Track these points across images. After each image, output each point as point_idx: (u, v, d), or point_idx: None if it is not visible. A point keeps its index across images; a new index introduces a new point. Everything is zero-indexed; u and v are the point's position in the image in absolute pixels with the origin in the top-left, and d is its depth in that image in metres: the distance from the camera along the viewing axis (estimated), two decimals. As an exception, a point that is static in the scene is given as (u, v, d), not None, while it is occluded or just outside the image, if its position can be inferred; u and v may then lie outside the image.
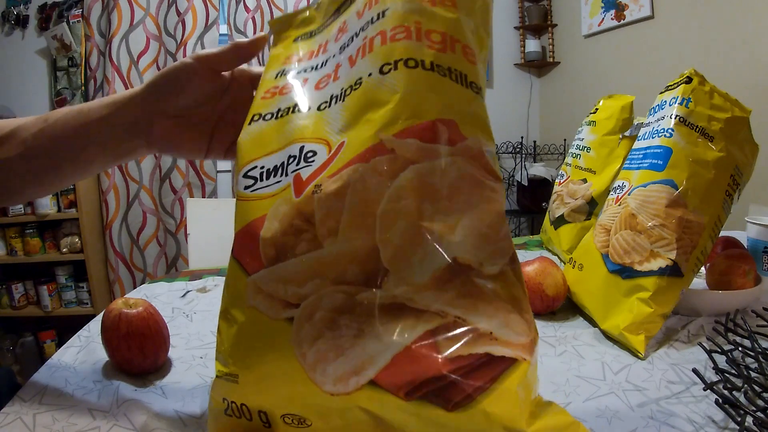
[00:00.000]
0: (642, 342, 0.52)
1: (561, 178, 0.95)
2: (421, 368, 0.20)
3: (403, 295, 0.20)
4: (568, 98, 2.89)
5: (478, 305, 0.21)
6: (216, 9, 2.20)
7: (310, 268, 0.20)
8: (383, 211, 0.20)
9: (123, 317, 0.47)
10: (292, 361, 0.21)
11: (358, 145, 0.21)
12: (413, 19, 0.25)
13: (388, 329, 0.20)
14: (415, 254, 0.20)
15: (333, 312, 0.20)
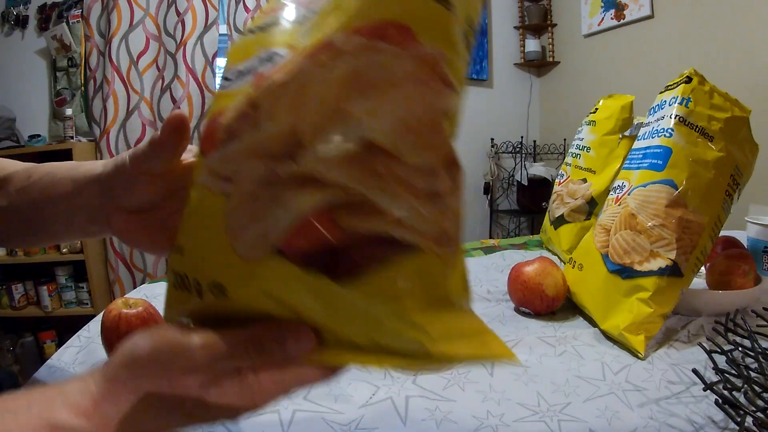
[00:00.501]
0: (642, 342, 0.52)
1: (561, 177, 0.95)
2: (319, 237, 0.21)
3: (314, 167, 0.21)
4: (567, 98, 2.89)
5: (388, 188, 0.22)
6: (216, 9, 2.20)
7: (246, 147, 0.23)
8: (310, 94, 0.22)
9: (123, 317, 0.47)
10: (221, 230, 0.24)
11: (312, 45, 0.24)
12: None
13: (296, 198, 0.21)
14: (332, 132, 0.22)
15: (257, 184, 0.23)
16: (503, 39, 3.00)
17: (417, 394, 0.44)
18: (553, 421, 0.40)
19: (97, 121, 2.15)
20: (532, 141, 2.93)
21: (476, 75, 2.90)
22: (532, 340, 0.55)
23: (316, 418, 0.40)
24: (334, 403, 0.43)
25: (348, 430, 0.39)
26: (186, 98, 2.18)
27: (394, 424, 0.40)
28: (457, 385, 0.46)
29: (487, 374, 0.48)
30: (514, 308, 0.66)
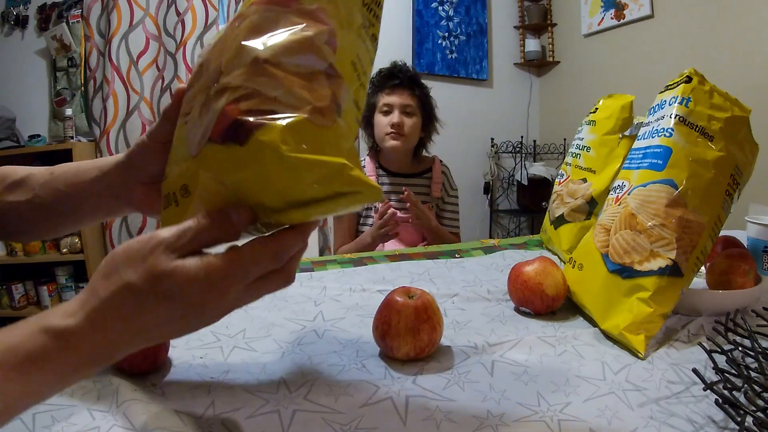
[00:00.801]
0: (642, 342, 0.52)
1: (561, 177, 0.95)
2: (227, 119, 0.31)
3: (226, 82, 0.33)
4: (567, 98, 2.89)
5: (273, 84, 0.32)
6: (216, 9, 2.20)
7: (196, 89, 0.36)
8: (224, 39, 0.36)
9: (123, 317, 0.47)
10: (184, 146, 0.36)
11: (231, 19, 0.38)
12: None
13: (216, 102, 0.33)
14: (236, 59, 0.33)
15: (200, 106, 0.34)
16: (503, 39, 3.00)
17: (417, 394, 0.44)
18: (553, 421, 0.40)
19: (97, 121, 2.15)
20: (532, 141, 2.93)
21: (476, 75, 2.90)
22: (532, 339, 0.55)
23: (316, 418, 0.40)
24: (334, 403, 0.43)
25: (348, 430, 0.39)
26: (186, 98, 2.18)
27: (394, 424, 0.40)
28: (457, 385, 0.46)
29: (487, 374, 0.48)
30: (514, 308, 0.66)
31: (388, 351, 0.50)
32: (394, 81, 1.39)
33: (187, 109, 0.37)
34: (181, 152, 0.36)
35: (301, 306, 0.67)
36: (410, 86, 1.40)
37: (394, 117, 1.36)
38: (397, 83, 1.39)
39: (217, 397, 0.43)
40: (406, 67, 1.44)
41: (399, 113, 1.37)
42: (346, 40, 0.36)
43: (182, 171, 0.35)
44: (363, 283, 0.77)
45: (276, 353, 0.53)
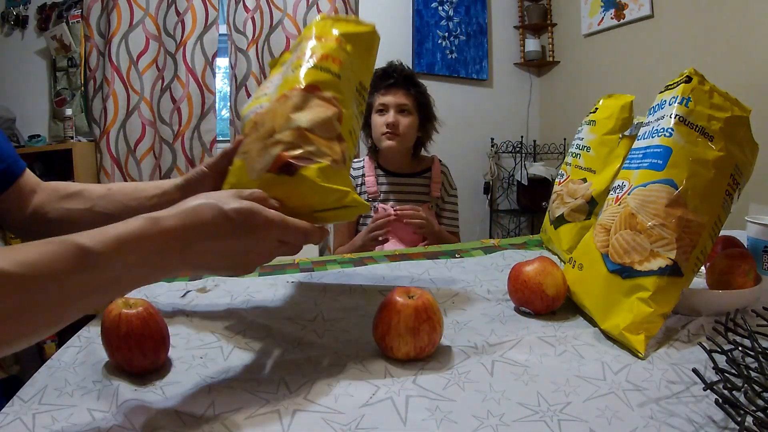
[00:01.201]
0: (642, 342, 0.52)
1: (561, 177, 0.95)
2: (282, 160, 0.51)
3: (279, 137, 0.53)
4: (567, 97, 2.89)
5: (309, 143, 0.53)
6: (215, 9, 2.20)
7: (254, 138, 0.55)
8: (275, 110, 0.55)
9: (123, 317, 0.47)
10: (244, 172, 0.54)
11: (277, 96, 0.57)
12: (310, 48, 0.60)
13: (272, 149, 0.52)
14: (286, 124, 0.53)
15: (259, 150, 0.53)
16: (503, 39, 3.00)
17: (417, 394, 0.44)
18: (553, 421, 0.40)
19: (97, 121, 2.15)
20: (532, 141, 2.93)
21: (476, 75, 2.90)
22: (532, 339, 0.55)
23: (316, 418, 0.40)
24: (334, 403, 0.43)
25: (348, 430, 0.39)
26: (186, 98, 2.18)
27: (394, 424, 0.40)
28: (457, 385, 0.46)
29: (487, 374, 0.48)
30: (514, 308, 0.66)
31: (388, 351, 0.50)
32: (389, 81, 1.39)
33: (244, 149, 0.56)
34: (238, 177, 0.55)
35: (301, 306, 0.67)
36: (405, 85, 1.40)
37: (389, 117, 1.36)
38: (392, 83, 1.39)
39: (217, 397, 0.43)
40: (401, 67, 1.43)
41: (394, 113, 1.37)
42: (346, 117, 0.57)
43: (244, 187, 0.52)
44: (363, 283, 0.77)
45: (276, 353, 0.53)
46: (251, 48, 2.24)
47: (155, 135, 2.19)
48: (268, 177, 0.51)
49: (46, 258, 0.35)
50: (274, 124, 0.53)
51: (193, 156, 2.23)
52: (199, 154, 2.23)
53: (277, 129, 0.53)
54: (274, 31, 2.28)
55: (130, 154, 2.15)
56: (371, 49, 0.66)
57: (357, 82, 0.62)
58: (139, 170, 2.16)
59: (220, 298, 0.69)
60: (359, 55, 0.63)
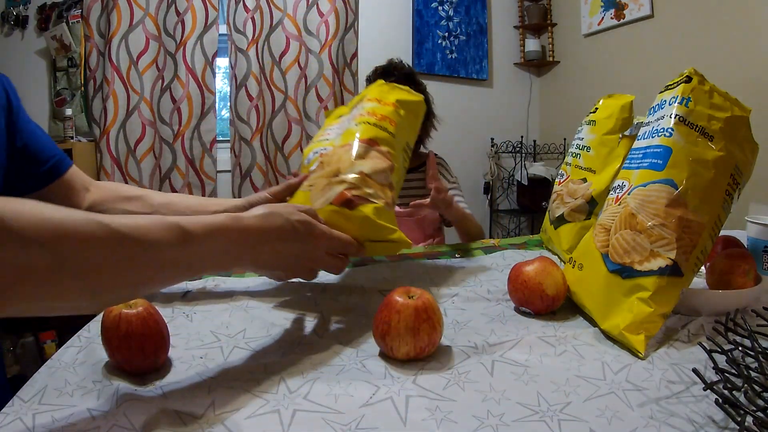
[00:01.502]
0: (642, 342, 0.52)
1: (561, 177, 0.95)
2: (344, 196, 0.62)
3: (343, 177, 0.64)
4: (567, 97, 2.89)
5: (368, 186, 0.64)
6: (215, 9, 2.19)
7: (319, 175, 0.67)
8: (341, 153, 0.68)
9: (123, 317, 0.47)
10: (308, 202, 0.64)
11: (340, 144, 0.71)
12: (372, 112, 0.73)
13: (337, 186, 0.63)
14: (350, 167, 0.66)
15: (323, 186, 0.65)
16: (503, 39, 3.00)
17: (417, 394, 0.44)
18: (553, 421, 0.40)
19: (97, 121, 2.15)
20: (532, 141, 2.93)
21: (476, 75, 2.90)
22: (532, 339, 0.55)
23: (316, 418, 0.40)
24: (334, 403, 0.43)
25: (348, 430, 0.39)
26: (186, 98, 2.18)
27: (394, 424, 0.40)
28: (457, 385, 0.46)
29: (487, 374, 0.48)
30: (514, 308, 0.66)
31: (388, 351, 0.50)
32: (390, 78, 1.39)
33: (310, 183, 0.67)
34: (302, 204, 0.62)
35: (301, 306, 0.67)
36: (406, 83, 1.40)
37: None
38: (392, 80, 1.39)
39: (217, 397, 0.43)
40: (402, 64, 1.44)
41: None
42: (396, 170, 0.69)
43: None
44: (363, 283, 0.77)
45: (276, 353, 0.53)
46: (251, 48, 2.24)
47: (155, 135, 2.19)
48: (330, 208, 0.62)
49: (152, 227, 0.41)
50: (340, 166, 0.66)
51: (193, 156, 2.23)
52: (199, 154, 2.23)
53: (342, 170, 0.65)
54: (274, 31, 2.28)
55: (130, 154, 2.15)
56: (418, 116, 0.79)
57: (405, 143, 0.74)
58: (139, 170, 2.16)
59: (220, 298, 0.69)
60: (409, 119, 0.75)
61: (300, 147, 2.34)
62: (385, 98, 0.74)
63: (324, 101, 2.33)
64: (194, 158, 2.23)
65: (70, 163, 0.74)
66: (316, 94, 2.33)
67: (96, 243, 0.37)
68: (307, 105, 2.33)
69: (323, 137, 0.75)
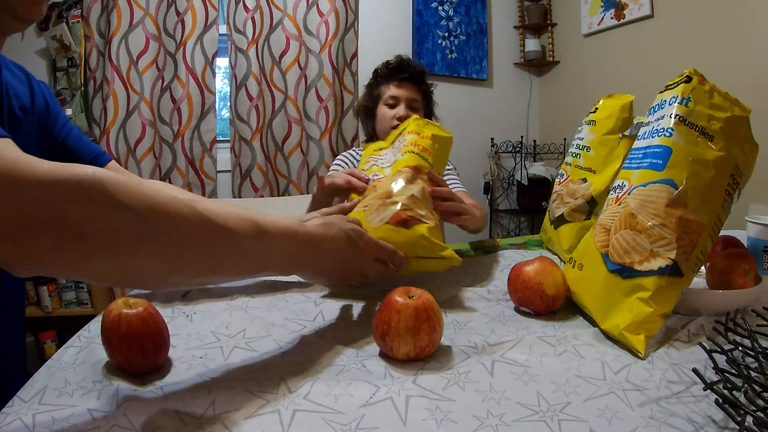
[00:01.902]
0: (642, 342, 0.52)
1: (561, 177, 0.95)
2: (400, 216, 0.68)
3: (397, 199, 0.70)
4: (567, 97, 2.89)
5: (422, 207, 0.71)
6: (215, 9, 2.19)
7: (373, 196, 0.73)
8: (396, 182, 0.75)
9: (123, 317, 0.47)
10: (363, 220, 0.68)
11: (392, 171, 0.79)
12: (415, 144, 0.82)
13: (392, 206, 0.69)
14: (403, 189, 0.73)
15: (378, 206, 0.70)
16: (503, 39, 3.00)
17: (417, 394, 0.44)
18: (553, 421, 0.40)
19: (97, 121, 2.15)
20: (532, 141, 2.93)
21: (476, 75, 2.90)
22: (532, 339, 0.55)
23: (316, 418, 0.40)
24: (334, 403, 0.43)
25: (348, 430, 0.39)
26: (186, 98, 2.18)
27: (394, 424, 0.40)
28: (457, 385, 0.46)
29: (487, 374, 0.48)
30: (514, 308, 0.66)
31: (388, 351, 0.50)
32: (403, 74, 1.39)
33: (365, 204, 0.72)
34: (363, 221, 0.69)
35: (301, 306, 0.67)
36: (418, 81, 1.40)
37: (400, 110, 1.36)
38: (406, 77, 1.39)
39: (217, 397, 0.43)
40: (415, 62, 1.44)
41: (405, 107, 1.37)
42: None
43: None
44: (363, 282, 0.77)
45: (276, 353, 0.53)
46: (251, 48, 2.24)
47: (155, 135, 2.19)
48: (386, 227, 0.67)
49: (230, 216, 0.44)
50: (392, 188, 0.72)
51: (193, 156, 2.22)
52: (199, 154, 2.23)
53: (395, 193, 0.71)
54: (274, 31, 2.28)
55: (130, 154, 2.14)
56: (447, 151, 0.88)
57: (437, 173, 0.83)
58: (139, 170, 2.16)
59: (220, 298, 0.69)
60: (441, 153, 0.85)
61: (300, 147, 2.33)
62: (423, 132, 0.84)
63: (324, 101, 2.33)
64: (194, 158, 2.23)
65: (109, 159, 0.82)
66: (316, 94, 2.33)
67: (182, 219, 0.40)
68: (307, 105, 2.33)
69: (373, 164, 0.84)
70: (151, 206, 0.38)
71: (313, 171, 2.36)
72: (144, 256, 0.39)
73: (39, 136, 0.74)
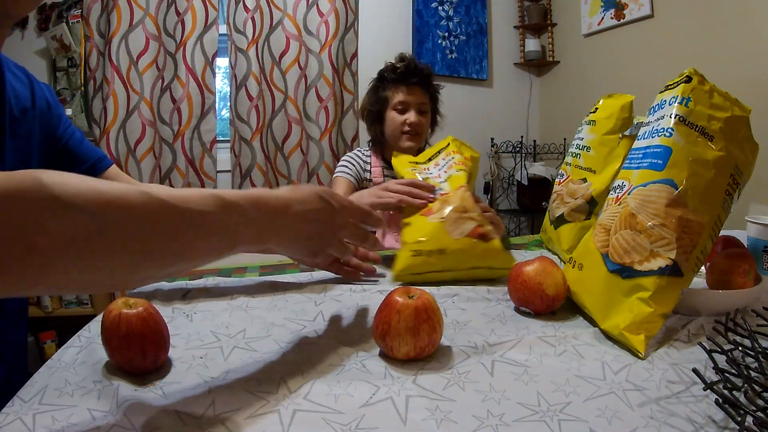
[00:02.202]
0: (642, 342, 0.52)
1: (561, 177, 0.95)
2: (477, 230, 0.77)
3: (473, 215, 0.79)
4: (567, 97, 2.89)
5: (485, 221, 0.79)
6: (215, 9, 2.19)
7: (451, 210, 0.80)
8: (464, 198, 0.82)
9: (123, 317, 0.47)
10: (442, 232, 0.78)
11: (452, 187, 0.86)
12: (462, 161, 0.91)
13: (469, 222, 0.78)
14: (471, 211, 0.80)
15: (455, 219, 0.78)
16: (503, 39, 3.00)
17: (417, 394, 0.44)
18: (553, 421, 0.40)
19: (97, 121, 2.15)
20: (532, 141, 2.93)
21: (476, 75, 2.90)
22: (532, 339, 0.55)
23: (316, 418, 0.40)
24: (334, 403, 0.43)
25: (348, 430, 0.39)
26: (186, 98, 2.18)
27: (394, 424, 0.40)
28: (457, 385, 0.46)
29: (487, 374, 0.48)
30: (514, 308, 0.66)
31: (388, 351, 0.50)
32: (412, 79, 1.38)
33: (440, 216, 0.78)
34: (438, 233, 0.77)
35: (301, 306, 0.67)
36: (426, 85, 1.40)
37: (411, 116, 1.36)
38: (415, 81, 1.38)
39: (217, 397, 0.43)
40: (422, 64, 1.42)
41: (416, 113, 1.37)
42: None
43: (441, 242, 0.76)
44: (363, 283, 0.77)
45: (276, 353, 0.53)
46: (251, 48, 2.24)
47: (155, 135, 2.19)
48: (467, 239, 0.76)
49: (192, 195, 0.41)
50: (465, 205, 0.79)
51: (193, 156, 2.23)
52: (199, 154, 2.23)
53: (468, 209, 0.79)
54: (274, 31, 2.28)
55: (130, 154, 2.15)
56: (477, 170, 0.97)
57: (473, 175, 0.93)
58: (139, 170, 2.16)
59: (220, 298, 0.69)
60: (475, 171, 0.94)
61: (300, 147, 2.34)
62: (463, 153, 0.93)
63: (324, 101, 2.33)
64: (194, 158, 2.23)
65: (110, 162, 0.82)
66: (316, 94, 2.33)
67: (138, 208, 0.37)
68: (307, 105, 2.33)
69: (426, 177, 0.89)
70: (104, 202, 0.35)
71: (313, 171, 2.36)
72: (105, 257, 0.35)
73: (41, 138, 0.74)
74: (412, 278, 0.77)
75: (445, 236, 0.76)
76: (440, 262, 0.75)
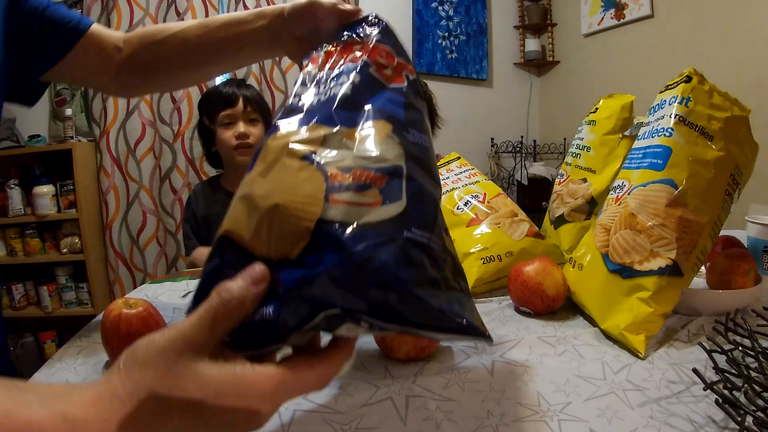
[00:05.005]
0: (642, 342, 0.52)
1: (561, 177, 0.95)
2: (532, 230, 0.79)
3: (522, 218, 0.84)
4: (567, 97, 2.89)
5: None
6: (215, 9, 2.20)
7: (498, 214, 0.83)
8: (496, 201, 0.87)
9: (123, 317, 0.47)
10: (502, 234, 0.79)
11: None
12: None
13: (524, 223, 0.82)
14: (519, 212, 0.86)
15: (510, 224, 0.81)
16: (503, 39, 3.00)
17: (417, 394, 0.44)
18: (553, 421, 0.40)
19: (97, 121, 2.15)
20: (532, 140, 2.93)
21: (476, 75, 2.90)
22: (532, 339, 0.55)
23: (316, 418, 0.40)
24: (334, 403, 0.43)
25: (348, 430, 0.39)
26: (186, 98, 2.18)
27: (394, 424, 0.40)
28: (457, 384, 0.46)
29: (487, 374, 0.48)
30: (514, 308, 0.66)
31: (388, 351, 0.50)
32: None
33: (495, 221, 0.80)
34: (497, 237, 0.77)
35: (301, 306, 0.67)
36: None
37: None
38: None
39: (217, 397, 0.43)
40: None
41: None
42: None
43: (501, 245, 0.76)
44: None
45: (276, 353, 0.52)
46: (251, 48, 2.24)
47: (155, 135, 2.19)
48: (528, 239, 0.78)
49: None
50: (513, 209, 0.83)
51: (193, 156, 2.22)
52: (199, 154, 2.23)
53: (517, 212, 0.83)
54: (274, 31, 2.28)
55: (130, 154, 2.14)
56: None
57: None
58: (139, 170, 2.16)
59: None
60: None
61: (300, 147, 2.33)
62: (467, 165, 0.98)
63: (324, 101, 2.33)
64: (194, 158, 2.23)
65: (90, 21, 0.72)
66: (316, 94, 2.33)
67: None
68: (307, 105, 2.33)
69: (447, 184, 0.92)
70: None
71: (313, 171, 2.36)
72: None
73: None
74: (488, 287, 0.74)
75: (507, 239, 0.77)
76: (509, 265, 0.71)
